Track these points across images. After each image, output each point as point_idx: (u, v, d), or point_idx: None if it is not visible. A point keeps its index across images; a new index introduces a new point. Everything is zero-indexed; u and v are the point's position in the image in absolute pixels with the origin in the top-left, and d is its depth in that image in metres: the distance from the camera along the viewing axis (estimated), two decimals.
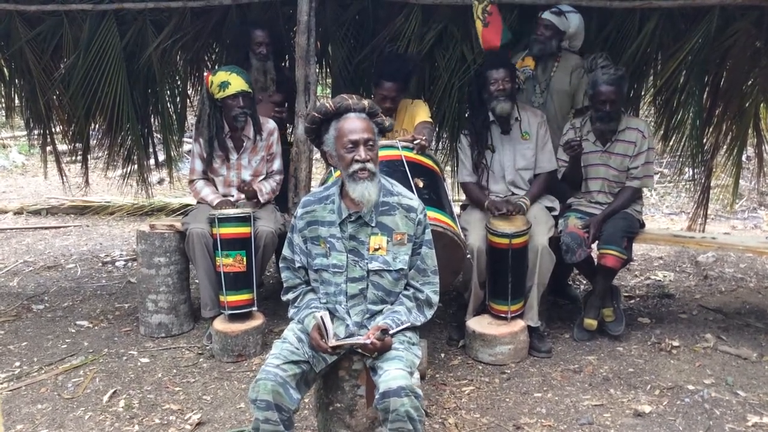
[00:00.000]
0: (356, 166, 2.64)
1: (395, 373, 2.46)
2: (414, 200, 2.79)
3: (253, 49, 4.61)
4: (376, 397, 2.46)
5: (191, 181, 4.48)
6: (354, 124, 2.67)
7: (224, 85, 4.13)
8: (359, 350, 2.63)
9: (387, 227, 2.72)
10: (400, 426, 2.40)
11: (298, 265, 2.83)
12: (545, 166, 4.24)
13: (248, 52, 4.66)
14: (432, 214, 3.44)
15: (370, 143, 2.67)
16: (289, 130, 4.91)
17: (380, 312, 2.75)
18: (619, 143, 4.19)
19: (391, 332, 2.61)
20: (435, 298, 2.81)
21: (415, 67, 4.56)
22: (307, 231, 2.78)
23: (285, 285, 2.89)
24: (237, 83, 4.13)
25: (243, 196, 4.37)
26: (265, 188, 4.39)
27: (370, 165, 2.64)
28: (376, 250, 2.71)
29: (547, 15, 4.34)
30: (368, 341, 2.54)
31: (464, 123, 4.74)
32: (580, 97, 4.51)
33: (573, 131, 4.27)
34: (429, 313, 2.80)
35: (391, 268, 2.72)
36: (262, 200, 4.33)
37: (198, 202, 4.46)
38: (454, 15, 4.78)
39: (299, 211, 2.83)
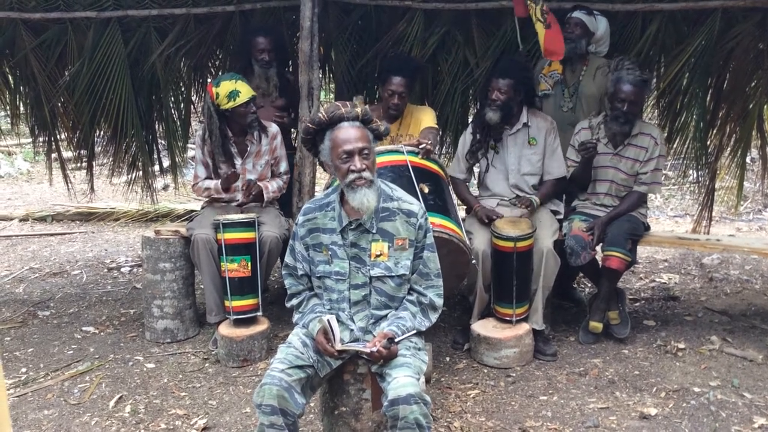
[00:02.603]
0: (352, 176, 2.62)
1: (404, 380, 2.46)
2: (414, 204, 2.78)
3: (255, 56, 4.64)
4: (385, 404, 2.46)
5: (194, 185, 4.50)
6: (348, 134, 2.64)
7: (234, 94, 4.14)
8: (365, 357, 2.64)
9: (388, 233, 2.71)
10: None
11: (300, 273, 2.82)
12: (554, 172, 4.22)
13: (251, 59, 4.69)
14: (437, 220, 3.45)
15: (365, 152, 2.64)
16: (294, 135, 4.92)
17: (385, 317, 2.75)
18: (631, 147, 4.17)
19: (396, 340, 2.61)
20: (439, 302, 2.81)
21: (420, 65, 4.57)
22: (309, 238, 2.78)
23: (289, 291, 2.89)
24: (246, 90, 4.16)
25: (249, 197, 4.38)
26: (271, 186, 4.40)
27: (366, 174, 2.63)
28: (377, 256, 2.71)
29: (577, 14, 4.32)
30: (374, 349, 2.54)
31: (467, 127, 4.75)
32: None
33: (589, 131, 4.24)
34: (434, 317, 2.80)
35: (393, 274, 2.71)
36: (266, 198, 4.34)
37: (202, 206, 4.48)
38: (457, 19, 4.79)
39: (300, 218, 2.82)
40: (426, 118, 4.28)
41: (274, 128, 4.46)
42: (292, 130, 4.94)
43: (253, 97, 4.23)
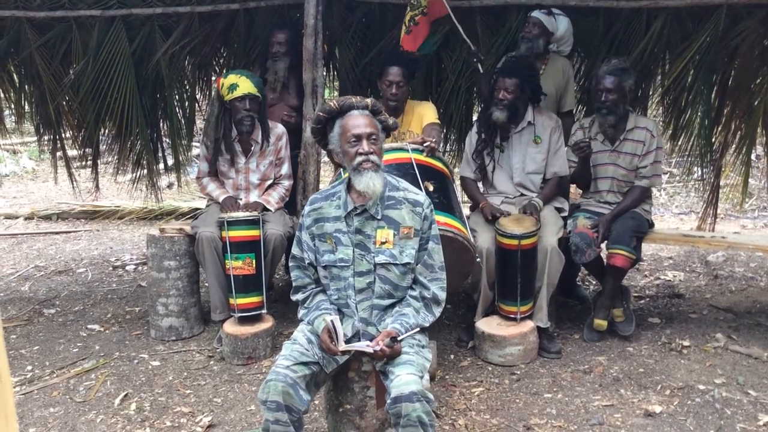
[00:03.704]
0: (360, 159, 2.68)
1: (407, 378, 2.47)
2: (420, 195, 2.80)
3: (270, 50, 4.66)
4: (388, 401, 2.47)
5: (198, 179, 4.51)
6: (357, 120, 2.72)
7: (233, 87, 4.16)
8: (369, 355, 2.64)
9: (393, 221, 2.73)
10: (411, 431, 2.41)
11: (307, 262, 2.85)
12: (558, 170, 4.22)
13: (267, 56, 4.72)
14: (442, 218, 3.44)
15: (373, 137, 2.71)
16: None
17: (388, 307, 2.76)
18: (627, 142, 4.18)
19: (399, 338, 2.62)
20: (442, 295, 2.81)
21: (417, 59, 4.57)
22: (315, 228, 2.80)
23: (294, 284, 2.90)
24: (245, 86, 4.16)
25: (251, 199, 4.39)
26: (273, 199, 4.39)
27: (373, 157, 2.68)
28: (382, 243, 2.72)
29: (536, 13, 4.36)
30: (377, 348, 2.55)
31: (472, 124, 4.75)
32: (566, 100, 4.52)
33: (582, 131, 4.26)
34: (437, 311, 2.81)
35: (397, 262, 2.72)
36: (272, 210, 4.34)
37: (207, 204, 4.49)
38: (461, 17, 4.77)
39: (307, 208, 2.85)
40: (428, 113, 4.27)
41: (279, 129, 4.46)
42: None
43: (252, 95, 4.17)
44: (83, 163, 5.95)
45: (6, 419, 1.07)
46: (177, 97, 5.43)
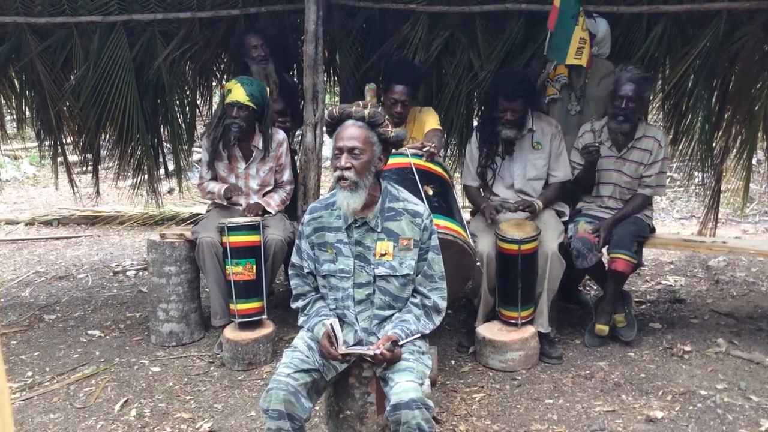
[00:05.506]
0: (337, 174, 2.66)
1: (406, 385, 2.46)
2: (420, 206, 2.79)
3: (250, 55, 4.64)
4: (387, 409, 2.46)
5: (199, 185, 4.52)
6: (345, 131, 2.68)
7: (227, 93, 4.21)
8: (369, 359, 2.63)
9: (393, 233, 2.72)
10: None
11: (306, 271, 2.84)
12: (559, 175, 4.22)
13: (246, 62, 4.69)
14: (442, 222, 3.45)
15: (356, 152, 2.65)
16: (297, 139, 4.91)
17: (388, 317, 2.75)
18: (635, 150, 4.17)
19: (400, 343, 2.61)
20: (443, 304, 2.80)
21: (423, 73, 4.57)
22: (315, 237, 2.79)
23: (294, 292, 2.90)
24: (236, 94, 4.16)
25: (252, 202, 4.39)
26: (274, 201, 4.40)
27: (348, 173, 2.63)
28: (382, 255, 2.71)
29: None
30: (377, 351, 2.55)
31: (472, 129, 4.75)
32: None
33: (591, 134, 4.24)
34: (437, 320, 2.80)
35: (397, 274, 2.72)
36: (272, 212, 4.34)
37: (207, 209, 4.49)
38: (461, 22, 4.79)
39: (306, 217, 2.84)
40: (430, 120, 4.28)
41: (281, 135, 4.46)
42: (292, 132, 4.92)
43: (239, 104, 4.15)
44: (84, 168, 5.95)
45: (3, 427, 1.07)
46: (178, 102, 5.43)
